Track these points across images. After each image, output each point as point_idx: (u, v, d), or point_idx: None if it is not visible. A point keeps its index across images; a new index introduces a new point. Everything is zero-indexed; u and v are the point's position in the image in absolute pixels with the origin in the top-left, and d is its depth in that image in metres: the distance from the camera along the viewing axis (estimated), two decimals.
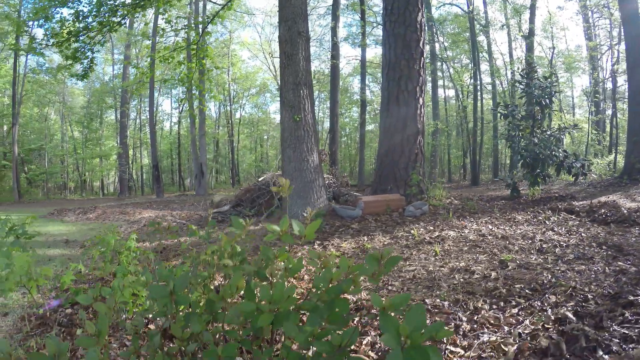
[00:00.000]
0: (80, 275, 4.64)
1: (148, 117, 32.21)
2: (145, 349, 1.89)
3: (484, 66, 27.87)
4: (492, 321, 3.11)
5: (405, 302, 1.48)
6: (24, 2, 24.44)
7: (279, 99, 38.81)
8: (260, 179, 11.57)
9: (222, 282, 2.91)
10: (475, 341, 2.80)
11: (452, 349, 2.73)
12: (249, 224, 2.12)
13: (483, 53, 26.52)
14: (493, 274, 4.28)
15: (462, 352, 2.70)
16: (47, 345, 1.55)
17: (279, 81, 9.37)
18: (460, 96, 30.39)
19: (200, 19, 14.48)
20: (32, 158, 36.94)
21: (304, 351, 1.60)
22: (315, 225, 1.91)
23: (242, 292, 1.84)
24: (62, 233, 10.07)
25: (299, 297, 2.45)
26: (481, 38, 26.44)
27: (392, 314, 1.44)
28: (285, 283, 1.74)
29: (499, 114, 11.72)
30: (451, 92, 34.86)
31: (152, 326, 2.91)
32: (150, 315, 2.32)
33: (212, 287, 2.07)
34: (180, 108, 40.61)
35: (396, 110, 9.73)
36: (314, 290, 1.78)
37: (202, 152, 24.46)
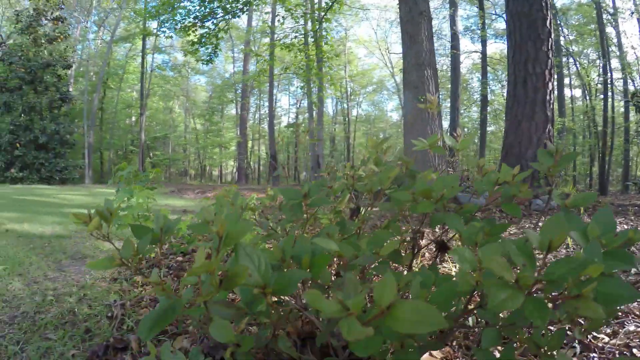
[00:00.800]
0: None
1: (267, 111, 33.45)
2: None
3: (614, 63, 25.54)
4: (637, 312, 2.72)
5: (590, 201, 1.23)
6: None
7: (396, 97, 38.36)
8: None
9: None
10: (621, 330, 2.45)
11: (595, 334, 2.41)
12: None
13: (612, 47, 24.37)
14: (633, 269, 3.78)
15: (607, 339, 2.36)
16: (155, 220, 1.44)
17: (402, 62, 9.09)
18: (588, 96, 28.10)
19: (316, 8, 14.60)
20: (156, 145, 39.58)
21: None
22: (468, 140, 1.70)
23: None
24: (181, 205, 10.52)
25: None
26: (609, 30, 24.31)
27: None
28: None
29: (632, 107, 10.50)
30: (577, 92, 32.50)
31: None
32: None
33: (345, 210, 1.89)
34: (298, 104, 41.61)
35: (523, 95, 9.08)
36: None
37: (319, 144, 24.64)
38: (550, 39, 9.19)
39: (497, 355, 1.66)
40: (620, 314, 2.67)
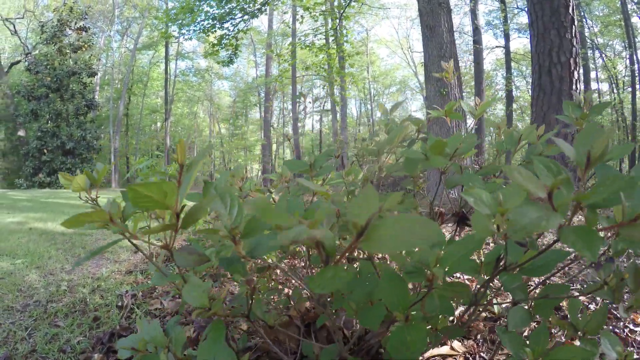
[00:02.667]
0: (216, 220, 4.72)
1: (291, 114, 33.53)
2: None
3: None
4: None
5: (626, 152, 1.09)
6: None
7: (419, 96, 38.02)
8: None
9: None
10: None
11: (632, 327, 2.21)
12: None
13: (638, 37, 23.73)
14: None
15: None
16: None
17: (423, 56, 8.97)
18: (615, 89, 27.36)
19: (336, 4, 14.53)
20: None
21: None
22: (486, 104, 1.60)
23: None
24: None
25: None
26: (634, 20, 23.72)
27: None
28: None
29: None
30: (604, 87, 31.69)
31: None
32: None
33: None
34: (322, 106, 41.57)
35: (549, 85, 8.84)
36: None
37: (343, 146, 24.45)
38: (574, 27, 8.95)
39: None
40: None
